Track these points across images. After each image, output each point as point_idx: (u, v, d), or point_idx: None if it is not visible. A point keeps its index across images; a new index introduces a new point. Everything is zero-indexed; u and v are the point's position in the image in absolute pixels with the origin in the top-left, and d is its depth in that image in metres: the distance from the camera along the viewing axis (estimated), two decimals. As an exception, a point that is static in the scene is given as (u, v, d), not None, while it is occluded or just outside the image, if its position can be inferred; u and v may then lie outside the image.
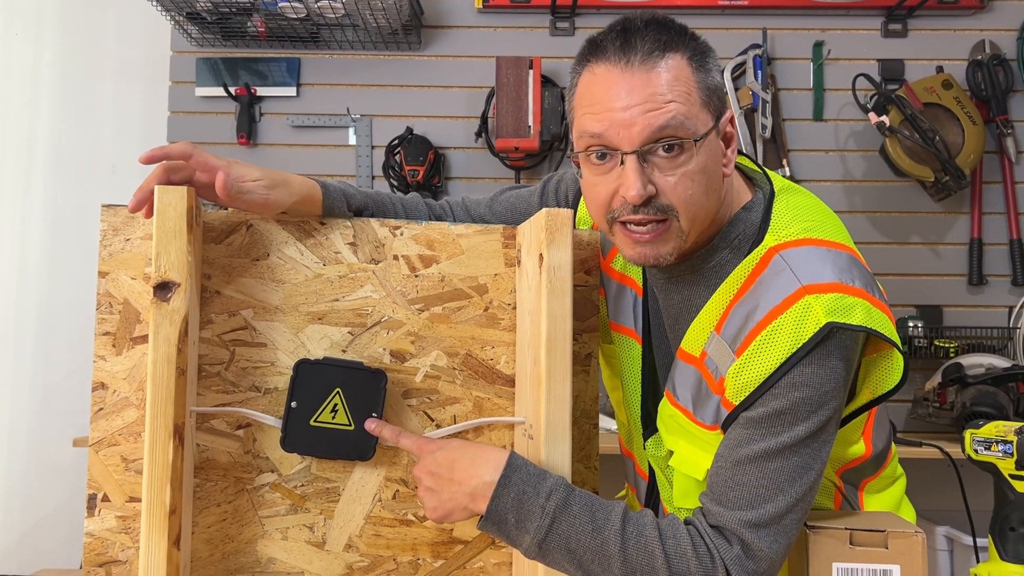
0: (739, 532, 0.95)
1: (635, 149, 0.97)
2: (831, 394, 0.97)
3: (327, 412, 1.09)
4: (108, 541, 1.10)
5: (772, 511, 0.95)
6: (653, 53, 0.97)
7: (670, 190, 0.98)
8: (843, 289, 0.97)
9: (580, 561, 0.95)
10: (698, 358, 1.05)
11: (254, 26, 2.50)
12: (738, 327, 1.00)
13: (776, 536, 0.96)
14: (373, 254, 1.15)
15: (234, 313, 1.13)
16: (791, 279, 0.98)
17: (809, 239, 1.02)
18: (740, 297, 1.01)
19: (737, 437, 0.98)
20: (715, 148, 1.01)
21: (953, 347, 2.40)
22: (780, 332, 0.96)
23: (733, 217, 1.06)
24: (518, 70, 2.48)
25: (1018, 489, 1.10)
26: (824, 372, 0.96)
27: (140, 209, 1.03)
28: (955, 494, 1.38)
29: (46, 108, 2.74)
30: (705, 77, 0.99)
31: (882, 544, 1.02)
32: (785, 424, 0.96)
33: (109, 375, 1.12)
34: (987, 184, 2.56)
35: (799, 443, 0.96)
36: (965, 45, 2.58)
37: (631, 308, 1.18)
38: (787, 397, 0.96)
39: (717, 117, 1.01)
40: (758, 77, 2.51)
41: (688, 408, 1.07)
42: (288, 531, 1.12)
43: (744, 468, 0.97)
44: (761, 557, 0.95)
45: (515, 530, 0.96)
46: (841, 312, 0.95)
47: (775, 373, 0.96)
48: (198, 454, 1.11)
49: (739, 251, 1.05)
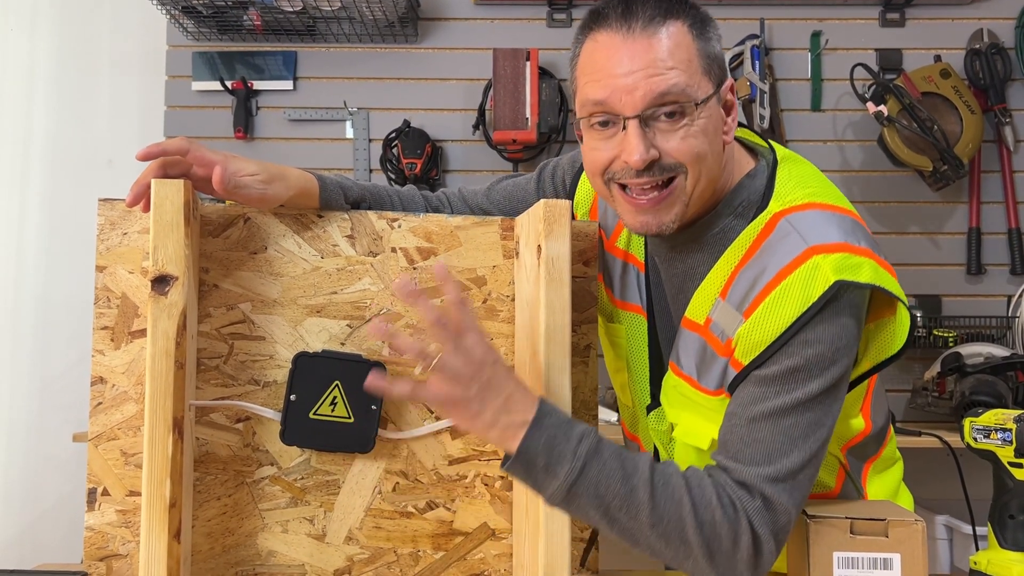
0: (759, 487, 0.96)
1: (637, 114, 0.98)
2: (842, 351, 0.98)
3: (326, 405, 1.09)
4: (108, 535, 1.10)
5: (788, 466, 0.96)
6: (654, 20, 0.99)
7: (674, 149, 1.00)
8: (850, 249, 0.99)
9: (607, 508, 0.94)
10: (702, 325, 1.06)
11: (250, 20, 2.49)
12: (745, 290, 1.01)
13: (792, 491, 0.97)
14: (371, 247, 1.15)
15: (232, 307, 1.13)
16: (798, 241, 0.99)
17: (814, 203, 1.03)
18: (746, 262, 1.02)
19: (751, 395, 0.99)
20: (716, 114, 1.02)
21: (952, 336, 2.40)
22: (790, 292, 0.97)
23: (737, 184, 1.07)
24: (515, 62, 2.48)
25: (1017, 477, 1.10)
26: (835, 329, 0.97)
27: (137, 203, 1.03)
28: (954, 483, 1.38)
29: (42, 102, 2.73)
30: (705, 45, 1.01)
31: (882, 533, 1.02)
32: (799, 381, 0.97)
33: (108, 369, 1.11)
34: (985, 173, 2.56)
35: (812, 399, 0.97)
36: (963, 34, 2.57)
37: (635, 284, 1.19)
38: (800, 355, 0.97)
39: (718, 84, 1.02)
40: (756, 67, 2.51)
41: (692, 376, 1.07)
42: (288, 524, 1.12)
43: (759, 425, 0.97)
44: (781, 511, 0.96)
45: (543, 473, 0.93)
46: (849, 270, 0.97)
47: (786, 331, 0.97)
48: (198, 448, 1.11)
49: (743, 217, 1.06)
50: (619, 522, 0.94)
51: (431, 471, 1.14)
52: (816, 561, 1.02)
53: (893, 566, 1.02)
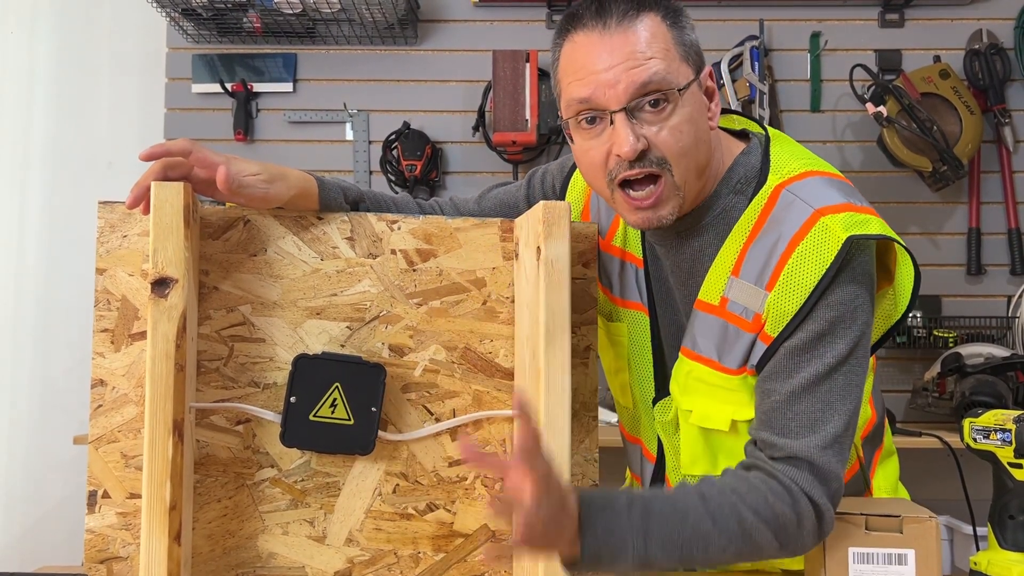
0: (811, 457, 0.99)
1: (622, 106, 1.00)
2: (860, 308, 1.02)
3: (326, 407, 1.09)
4: (109, 537, 1.10)
5: (832, 431, 1.00)
6: (628, 14, 1.01)
7: (661, 143, 1.01)
8: (854, 208, 1.03)
9: (681, 555, 0.96)
10: (718, 306, 1.07)
11: (250, 22, 2.49)
12: (761, 264, 1.03)
13: (839, 454, 1.01)
14: (371, 248, 1.15)
15: (232, 309, 1.13)
16: (803, 207, 1.02)
17: (811, 171, 1.07)
18: (755, 237, 1.05)
19: (785, 367, 1.02)
20: (699, 100, 1.04)
21: (952, 337, 2.40)
22: (806, 256, 1.01)
23: (733, 162, 1.10)
24: (515, 64, 2.48)
25: (1017, 477, 1.10)
26: (852, 288, 1.01)
27: (137, 205, 1.03)
28: (954, 484, 1.38)
29: (42, 105, 2.73)
30: (680, 34, 1.03)
31: (897, 529, 1.04)
32: (827, 345, 1.01)
33: (108, 372, 1.12)
34: (985, 174, 2.56)
35: (842, 361, 1.01)
36: (962, 34, 2.58)
37: (634, 281, 1.20)
38: (824, 318, 1.00)
39: (697, 71, 1.04)
40: (755, 68, 2.51)
41: (711, 357, 1.09)
42: (289, 526, 1.12)
43: (799, 397, 1.01)
44: (832, 476, 1.00)
45: (611, 562, 0.94)
46: (858, 225, 1.01)
47: (810, 297, 1.00)
48: (198, 450, 1.11)
49: (743, 194, 1.09)
50: (696, 559, 0.97)
51: (431, 473, 1.14)
52: (832, 557, 1.04)
53: (908, 562, 1.04)
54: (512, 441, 1.15)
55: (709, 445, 1.12)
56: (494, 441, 1.15)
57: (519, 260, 1.14)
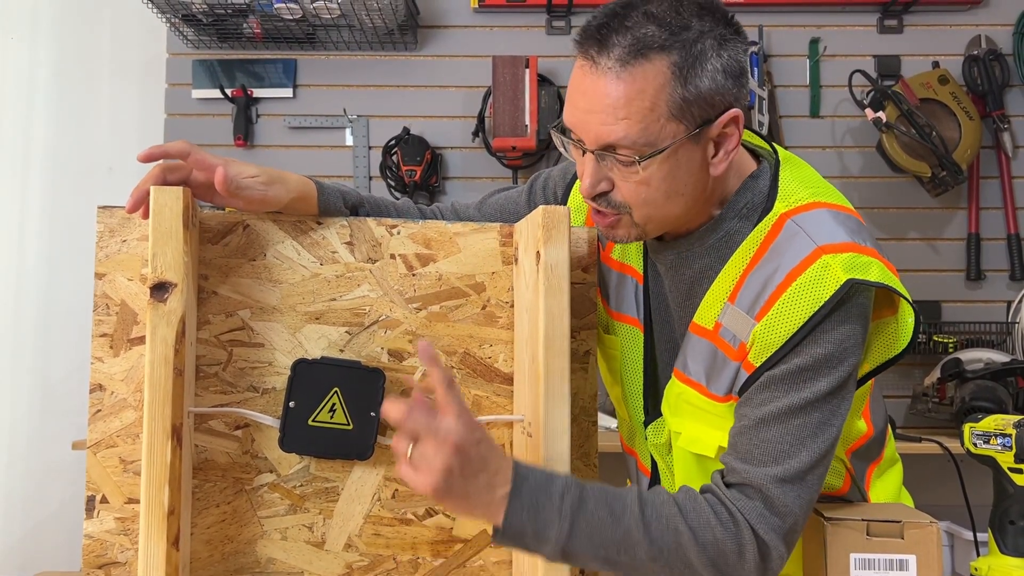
0: (764, 488, 0.96)
1: (593, 149, 0.99)
2: (850, 351, 0.99)
3: (325, 412, 1.09)
4: (107, 543, 1.10)
5: (796, 466, 0.96)
6: (624, 59, 0.95)
7: (625, 192, 1.01)
8: (858, 248, 0.99)
9: (606, 555, 0.94)
10: (711, 331, 1.05)
11: (250, 28, 2.50)
12: (756, 293, 1.01)
13: (800, 492, 0.97)
14: (370, 253, 1.15)
15: (231, 313, 1.13)
16: (806, 241, 0.99)
17: (818, 203, 1.03)
18: (754, 265, 1.02)
19: (761, 395, 0.99)
20: (687, 156, 0.98)
21: (952, 342, 2.40)
22: (801, 292, 0.98)
23: (741, 186, 1.07)
24: (515, 69, 2.48)
25: (1017, 482, 1.10)
26: (845, 329, 0.98)
27: (137, 210, 1.03)
28: (955, 489, 1.38)
29: (42, 110, 2.74)
30: (685, 87, 0.95)
31: (898, 535, 1.04)
32: (807, 380, 0.98)
33: (107, 377, 1.11)
34: (984, 179, 2.56)
35: (820, 399, 0.98)
36: (961, 40, 2.58)
37: (632, 296, 1.18)
38: (809, 354, 0.97)
39: (701, 123, 0.97)
40: (755, 74, 2.51)
41: (700, 382, 1.07)
42: (287, 531, 1.12)
43: (768, 425, 0.98)
44: (785, 513, 0.96)
45: (534, 541, 0.93)
46: (859, 269, 0.97)
47: (798, 332, 0.97)
48: (196, 455, 1.11)
49: (748, 219, 1.06)
50: (621, 564, 0.95)
51: (430, 478, 1.14)
52: (833, 562, 1.04)
53: (909, 567, 1.03)
54: (512, 445, 1.14)
55: (702, 468, 1.10)
56: (493, 446, 1.15)
57: (519, 265, 1.14)
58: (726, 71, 0.97)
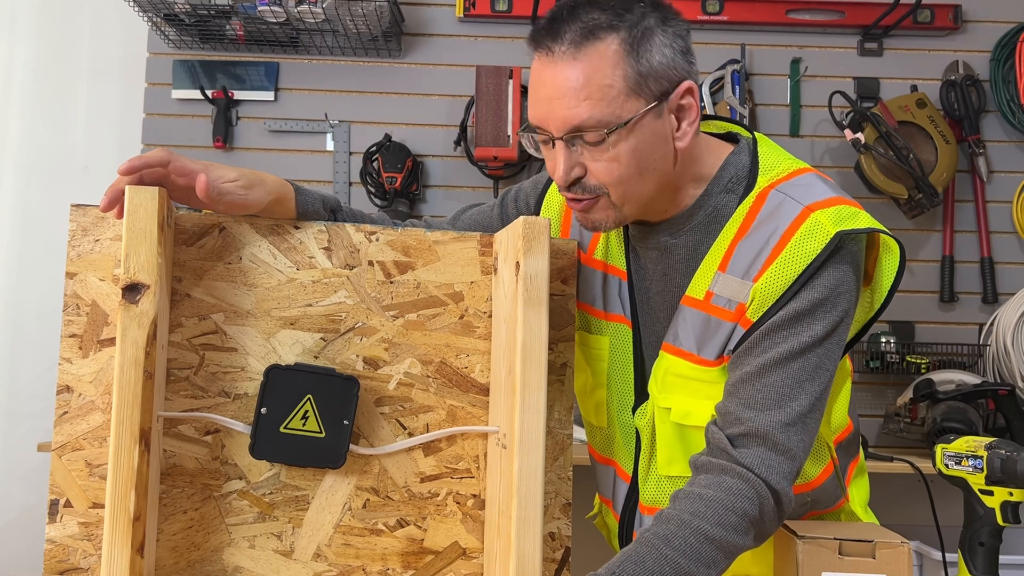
0: (770, 434, 1.01)
1: (560, 136, 1.02)
2: (843, 295, 1.04)
3: (297, 419, 1.07)
4: (70, 548, 1.07)
5: (798, 409, 1.02)
6: (579, 41, 1.01)
7: (598, 172, 1.04)
8: (844, 201, 1.06)
9: None
10: (703, 300, 1.09)
11: (232, 29, 2.48)
12: (750, 259, 1.05)
13: (802, 434, 1.02)
14: (348, 259, 1.14)
15: (204, 317, 1.11)
16: (794, 204, 1.05)
17: (799, 169, 1.10)
18: (743, 235, 1.07)
19: (762, 344, 1.04)
20: (652, 129, 1.03)
21: (925, 363, 2.42)
22: (796, 248, 1.03)
23: (724, 162, 1.11)
24: (498, 79, 2.48)
25: (987, 504, 1.11)
26: (837, 274, 1.03)
27: (112, 209, 1.02)
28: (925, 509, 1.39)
29: (18, 107, 2.70)
30: (638, 61, 1.01)
31: (870, 554, 1.04)
32: (805, 325, 1.02)
33: (75, 378, 1.09)
34: (959, 203, 2.60)
35: (817, 342, 1.03)
36: (939, 65, 2.62)
37: (617, 294, 1.20)
38: (806, 299, 1.02)
39: (659, 97, 1.02)
40: (736, 92, 2.53)
41: (691, 350, 1.10)
42: (256, 539, 1.10)
43: (770, 370, 1.02)
44: (792, 455, 1.01)
45: None
46: (847, 220, 1.04)
47: (795, 283, 1.02)
48: (165, 460, 1.09)
49: (734, 193, 1.11)
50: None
51: (403, 488, 1.13)
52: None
53: None
54: (486, 457, 1.13)
55: (685, 445, 1.12)
56: (467, 457, 1.14)
57: (497, 275, 1.13)
58: (673, 47, 1.04)
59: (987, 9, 2.62)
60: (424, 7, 2.62)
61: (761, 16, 2.59)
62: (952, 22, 2.58)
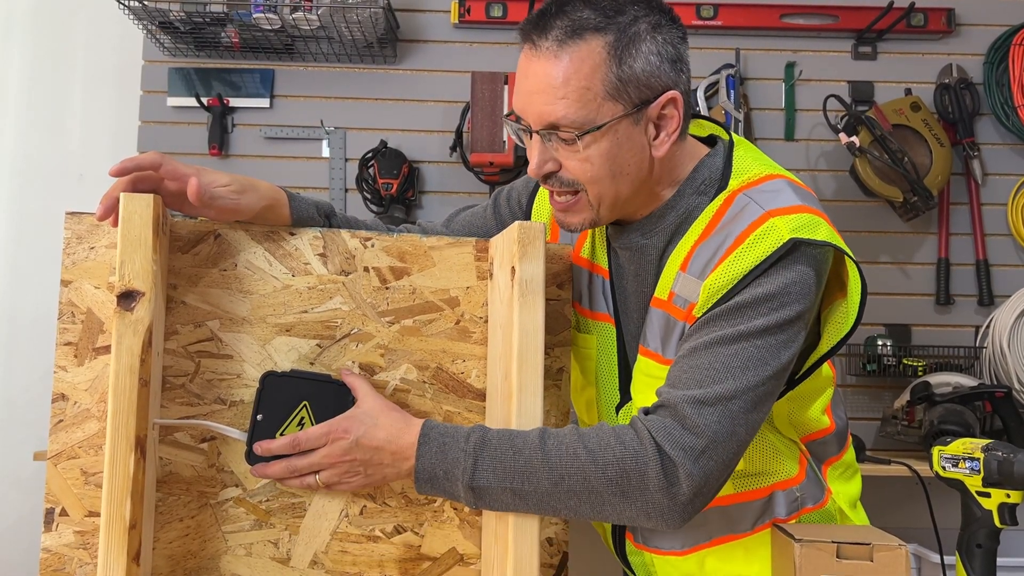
0: (678, 407, 0.97)
1: (537, 130, 1.03)
2: (795, 296, 1.00)
3: (294, 425, 1.07)
4: (65, 557, 1.07)
5: (719, 391, 0.97)
6: (561, 39, 1.01)
7: (572, 169, 1.05)
8: (807, 210, 1.03)
9: (512, 488, 0.97)
10: (666, 300, 1.09)
11: (228, 37, 2.48)
12: (706, 260, 1.04)
13: (720, 417, 0.96)
14: (343, 265, 1.14)
15: (200, 324, 1.11)
16: (756, 208, 1.04)
17: (771, 175, 1.09)
18: (706, 237, 1.06)
19: (696, 333, 1.02)
20: (627, 134, 1.03)
21: (921, 366, 2.42)
22: (747, 248, 1.01)
23: (698, 164, 1.11)
24: (493, 85, 2.48)
25: (985, 506, 1.11)
26: (790, 276, 1.00)
27: (107, 217, 1.02)
28: (923, 512, 1.39)
29: (13, 114, 2.69)
30: (619, 67, 1.01)
31: (867, 557, 1.04)
32: (744, 316, 1.00)
33: (70, 386, 1.09)
34: (954, 205, 2.60)
35: (755, 334, 0.99)
36: (933, 68, 2.62)
37: (601, 293, 1.20)
38: (749, 294, 1.00)
39: (637, 105, 1.02)
40: (730, 96, 2.54)
41: (657, 351, 1.10)
42: (252, 547, 1.10)
43: (698, 353, 1.00)
44: (699, 432, 0.96)
45: (446, 481, 0.99)
46: (806, 229, 1.01)
47: (740, 282, 1.00)
48: (160, 467, 1.09)
49: (706, 195, 1.10)
50: (528, 496, 0.97)
51: (399, 495, 1.12)
52: None
53: None
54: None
55: None
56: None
57: (493, 280, 1.13)
58: (661, 55, 1.03)
59: (980, 13, 2.63)
60: (419, 14, 2.63)
61: (755, 21, 2.60)
62: (946, 26, 2.59)
